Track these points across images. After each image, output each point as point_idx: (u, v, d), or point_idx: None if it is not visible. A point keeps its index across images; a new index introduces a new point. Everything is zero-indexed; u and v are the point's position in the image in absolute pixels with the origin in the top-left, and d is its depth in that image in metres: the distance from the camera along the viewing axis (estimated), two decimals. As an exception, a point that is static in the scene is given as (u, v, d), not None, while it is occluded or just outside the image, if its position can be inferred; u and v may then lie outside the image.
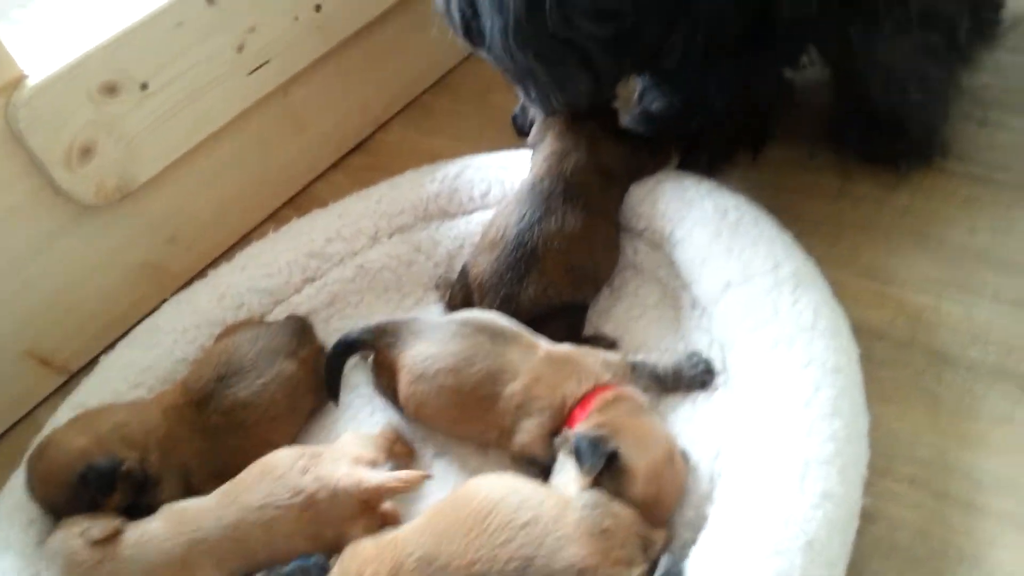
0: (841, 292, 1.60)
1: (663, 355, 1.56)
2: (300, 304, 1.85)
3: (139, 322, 1.91)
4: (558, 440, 1.31)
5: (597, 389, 1.35)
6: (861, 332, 1.53)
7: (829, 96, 1.84)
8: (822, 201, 1.78)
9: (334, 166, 2.43)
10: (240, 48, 2.07)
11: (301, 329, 1.73)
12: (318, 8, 2.20)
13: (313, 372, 1.69)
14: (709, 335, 1.55)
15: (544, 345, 1.46)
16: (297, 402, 1.64)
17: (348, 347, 1.64)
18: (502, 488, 1.24)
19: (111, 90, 1.87)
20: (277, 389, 1.61)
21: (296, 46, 2.20)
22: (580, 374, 1.38)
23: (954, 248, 1.61)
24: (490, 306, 1.58)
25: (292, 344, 1.69)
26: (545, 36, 1.40)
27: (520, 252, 1.57)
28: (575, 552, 1.14)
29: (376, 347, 1.59)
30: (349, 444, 1.49)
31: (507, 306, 1.57)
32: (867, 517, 1.24)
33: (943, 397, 1.40)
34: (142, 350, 1.81)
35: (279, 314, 1.85)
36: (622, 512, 1.20)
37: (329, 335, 1.77)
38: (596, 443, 1.22)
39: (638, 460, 1.23)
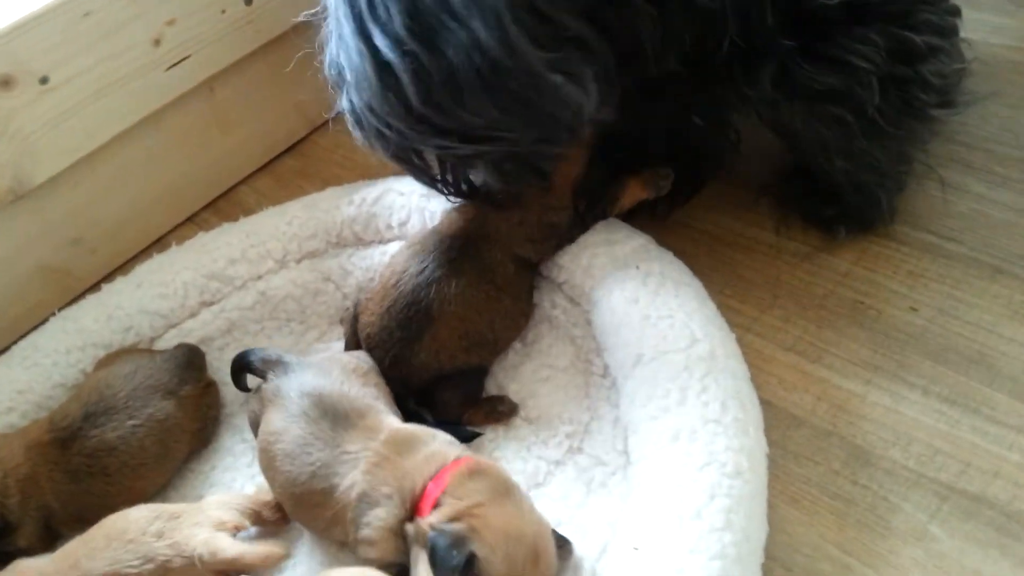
0: (764, 368, 1.49)
1: (565, 427, 1.43)
2: (194, 330, 1.72)
3: (26, 334, 1.77)
4: (410, 531, 1.19)
5: (451, 464, 1.23)
6: (779, 416, 1.43)
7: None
8: (760, 259, 1.65)
9: (262, 169, 2.28)
10: (157, 42, 1.92)
11: (188, 362, 1.60)
12: (249, 1, 2.04)
13: (195, 413, 1.56)
14: (616, 411, 1.43)
15: (388, 425, 1.33)
16: (170, 448, 1.52)
17: (242, 367, 1.54)
18: None
19: (5, 83, 1.72)
20: (147, 434, 1.48)
21: (222, 41, 2.04)
22: (428, 452, 1.27)
23: (892, 326, 1.49)
24: (380, 364, 1.46)
25: (174, 381, 1.55)
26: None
27: (413, 310, 1.45)
28: None
29: (265, 380, 1.47)
30: (213, 507, 1.37)
31: (397, 368, 1.45)
32: (755, 638, 1.13)
33: (856, 503, 1.29)
34: (19, 370, 1.68)
35: (171, 339, 1.72)
36: None
37: (223, 365, 1.64)
38: (453, 545, 1.11)
39: (498, 564, 1.11)
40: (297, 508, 1.37)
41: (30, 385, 1.65)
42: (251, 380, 1.58)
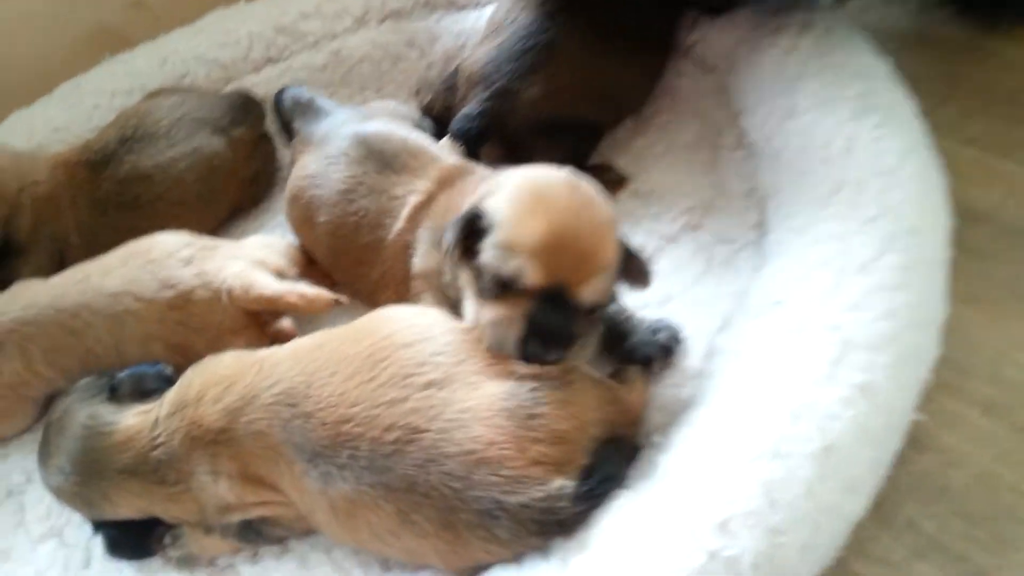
0: (943, 162, 1.17)
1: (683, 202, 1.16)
2: (256, 85, 1.51)
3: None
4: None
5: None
6: (960, 213, 1.12)
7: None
8: (936, 51, 1.33)
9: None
10: None
11: (243, 105, 1.38)
12: None
13: (247, 160, 1.35)
14: (749, 183, 1.15)
15: (442, 162, 1.09)
16: (214, 191, 1.30)
17: (278, 99, 1.33)
18: (415, 330, 0.89)
19: None
20: (189, 168, 1.28)
21: None
22: (478, 178, 1.02)
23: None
24: (476, 101, 1.20)
25: (226, 119, 1.34)
26: None
27: (532, 42, 1.18)
28: (478, 434, 0.80)
29: (292, 128, 1.25)
30: (255, 245, 1.16)
31: (500, 103, 1.19)
32: (915, 442, 0.87)
33: (1053, 306, 0.98)
34: (59, 108, 1.49)
35: (230, 94, 1.49)
36: (574, 400, 0.84)
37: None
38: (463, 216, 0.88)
39: (508, 202, 0.87)
40: (342, 266, 1.14)
41: (67, 124, 1.46)
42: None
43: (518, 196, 0.86)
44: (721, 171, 1.20)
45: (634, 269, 0.90)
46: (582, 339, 0.85)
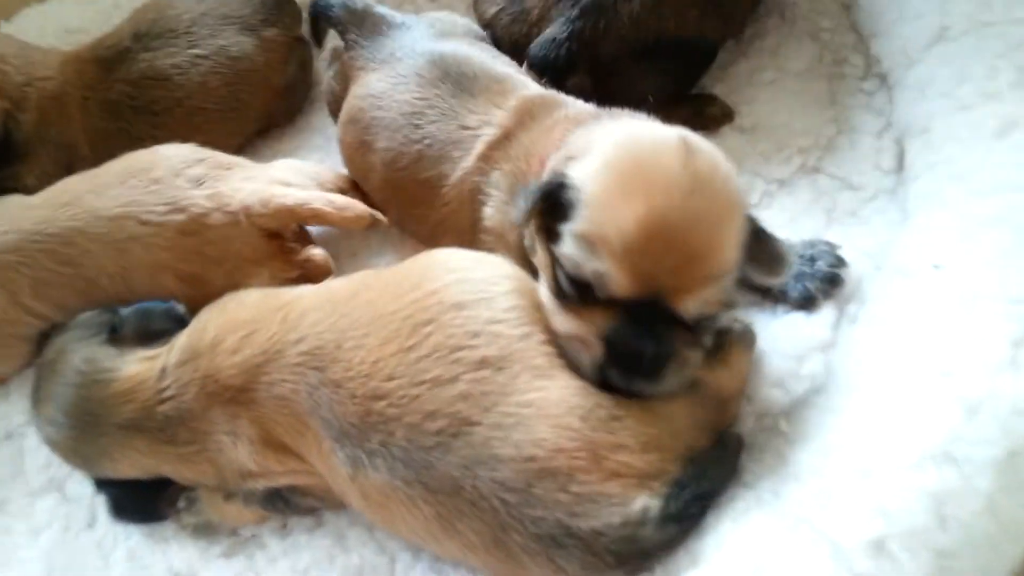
0: None
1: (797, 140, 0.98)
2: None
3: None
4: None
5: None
6: None
7: None
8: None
9: None
10: None
11: (277, 3, 1.19)
12: None
13: (280, 65, 1.16)
14: (882, 119, 0.96)
15: (524, 92, 0.91)
16: (241, 99, 1.12)
17: (320, 15, 1.11)
18: (469, 285, 0.72)
19: None
20: (213, 70, 1.10)
21: None
22: (557, 119, 0.85)
23: None
24: (561, 21, 1.00)
25: (258, 16, 1.15)
26: None
27: None
28: (542, 436, 0.63)
29: (344, 39, 1.05)
30: (280, 168, 0.98)
31: (592, 22, 0.99)
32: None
33: None
34: (74, 5, 1.31)
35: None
36: (668, 410, 0.67)
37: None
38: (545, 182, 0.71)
39: (598, 176, 0.67)
40: (397, 204, 0.97)
41: (84, 25, 1.29)
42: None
43: (612, 168, 0.67)
44: (845, 104, 1.01)
45: (766, 256, 0.71)
46: (680, 359, 0.67)
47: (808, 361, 0.77)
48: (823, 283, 0.81)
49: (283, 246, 0.91)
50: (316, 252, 0.95)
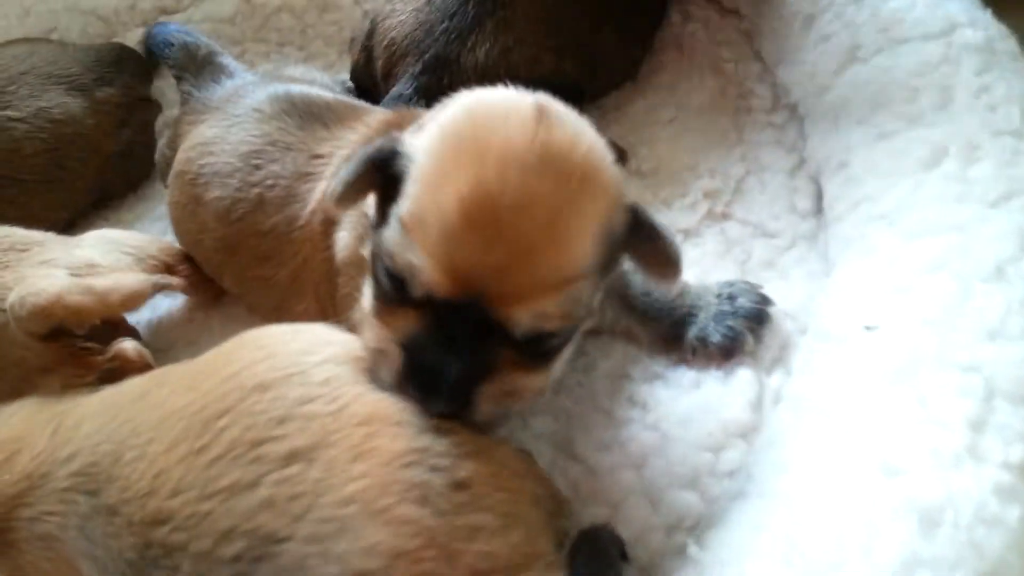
0: None
1: (701, 183, 0.86)
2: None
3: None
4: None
5: None
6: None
7: None
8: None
9: None
10: None
11: (116, 60, 1.05)
12: None
13: (113, 128, 1.01)
14: (796, 155, 0.85)
15: (384, 114, 0.78)
16: (65, 167, 0.96)
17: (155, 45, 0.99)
18: (278, 360, 0.56)
19: None
20: (31, 135, 0.94)
21: None
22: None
23: None
24: (406, 78, 0.90)
25: (89, 76, 1.01)
26: None
27: None
28: (374, 540, 0.47)
29: (180, 90, 0.91)
30: (89, 242, 0.82)
31: (436, 77, 0.89)
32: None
33: None
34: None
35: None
36: (503, 457, 0.53)
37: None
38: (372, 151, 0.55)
39: (429, 144, 0.52)
40: (237, 267, 0.80)
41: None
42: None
43: (447, 136, 0.52)
44: (753, 141, 0.89)
45: (652, 255, 0.56)
46: (500, 382, 0.52)
47: (727, 452, 0.63)
48: (748, 320, 0.69)
49: (73, 348, 0.73)
50: (127, 346, 0.77)
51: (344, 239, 0.70)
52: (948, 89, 0.71)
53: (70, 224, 0.98)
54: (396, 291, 0.52)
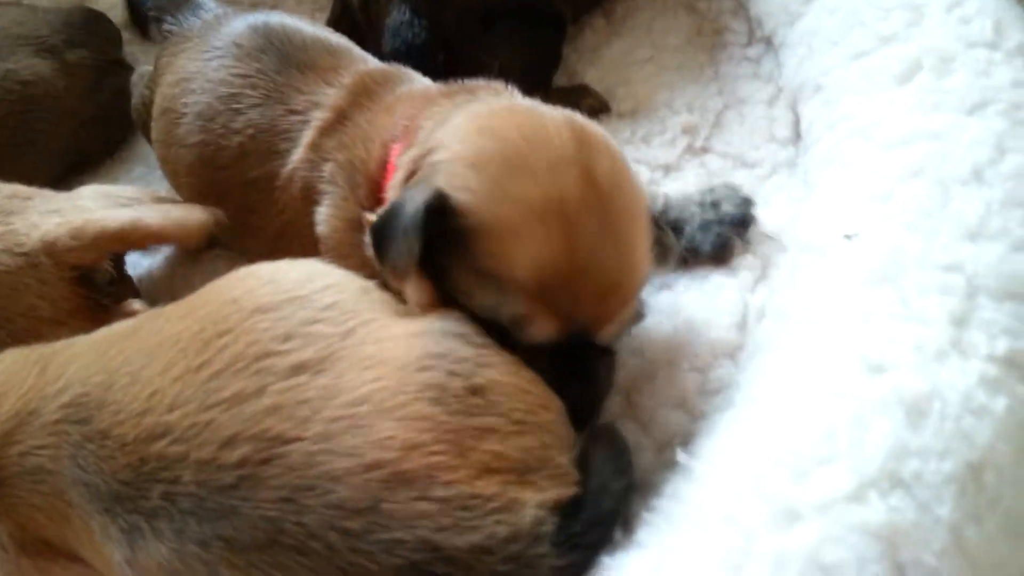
0: None
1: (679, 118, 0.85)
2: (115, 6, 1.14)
3: None
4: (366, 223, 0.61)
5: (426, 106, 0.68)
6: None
7: None
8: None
9: None
10: None
11: (86, 23, 1.03)
12: None
13: (85, 91, 1.00)
14: (773, 85, 0.85)
15: (362, 66, 0.77)
16: (35, 128, 0.95)
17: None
18: (276, 286, 0.56)
19: None
20: (0, 96, 0.93)
21: None
22: (400, 95, 0.71)
23: None
24: (394, 8, 0.88)
25: (58, 38, 0.99)
26: None
27: None
28: (387, 435, 0.47)
29: (161, 31, 0.89)
30: (87, 195, 0.81)
31: None
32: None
33: None
34: None
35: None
36: (517, 377, 0.53)
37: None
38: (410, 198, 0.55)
39: (491, 200, 0.54)
40: (227, 214, 0.80)
41: None
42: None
43: (501, 185, 0.55)
44: (730, 75, 0.89)
45: (654, 244, 0.61)
46: (607, 385, 0.61)
47: (715, 371, 0.63)
48: (734, 226, 0.71)
49: (91, 299, 0.73)
50: (136, 306, 0.78)
51: (324, 214, 0.70)
52: (920, 6, 0.71)
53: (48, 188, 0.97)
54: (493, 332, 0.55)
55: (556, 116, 0.58)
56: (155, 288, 0.85)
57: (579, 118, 0.59)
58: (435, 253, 0.55)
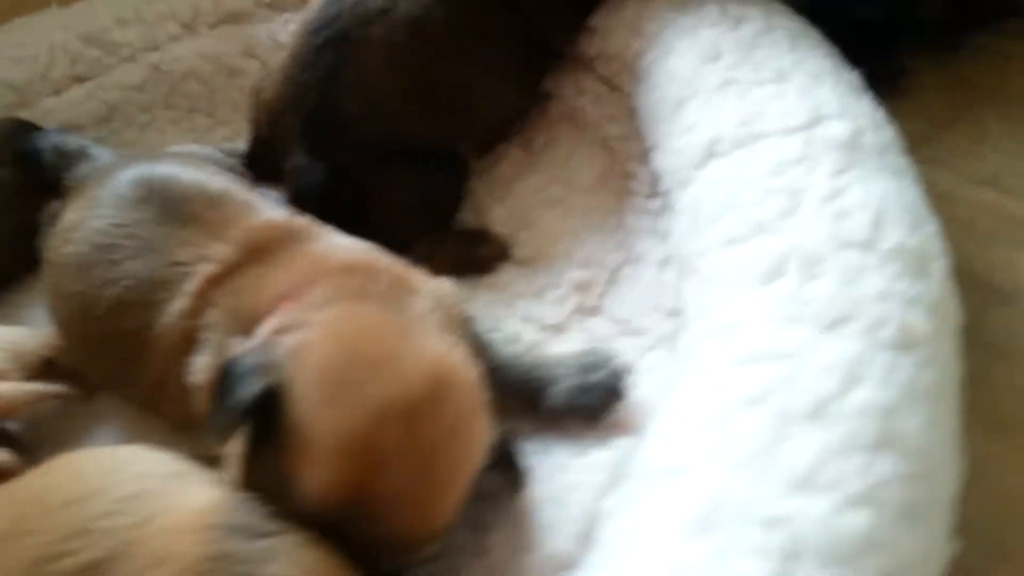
0: (945, 210, 0.80)
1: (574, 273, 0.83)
2: (55, 112, 1.16)
3: None
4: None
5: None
6: (976, 291, 0.79)
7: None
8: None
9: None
10: None
11: (14, 137, 1.04)
12: None
13: (8, 212, 1.00)
14: (666, 247, 0.81)
15: (254, 218, 0.76)
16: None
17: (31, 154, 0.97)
18: (87, 481, 0.56)
19: None
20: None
21: None
22: (300, 253, 0.70)
23: None
24: (291, 136, 0.88)
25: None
26: None
27: (324, 36, 0.86)
28: None
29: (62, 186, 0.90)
30: None
31: (318, 131, 0.87)
32: None
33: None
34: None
35: (26, 121, 1.16)
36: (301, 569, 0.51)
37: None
38: (251, 371, 0.56)
39: (326, 406, 0.54)
40: (101, 365, 0.80)
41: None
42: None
43: (331, 392, 0.55)
44: (632, 227, 0.87)
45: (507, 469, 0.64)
46: None
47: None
48: (605, 394, 0.70)
49: None
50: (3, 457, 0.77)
51: (200, 364, 0.69)
52: (798, 192, 0.67)
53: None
54: None
55: (425, 352, 0.58)
56: (38, 437, 0.85)
57: (451, 358, 0.59)
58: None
